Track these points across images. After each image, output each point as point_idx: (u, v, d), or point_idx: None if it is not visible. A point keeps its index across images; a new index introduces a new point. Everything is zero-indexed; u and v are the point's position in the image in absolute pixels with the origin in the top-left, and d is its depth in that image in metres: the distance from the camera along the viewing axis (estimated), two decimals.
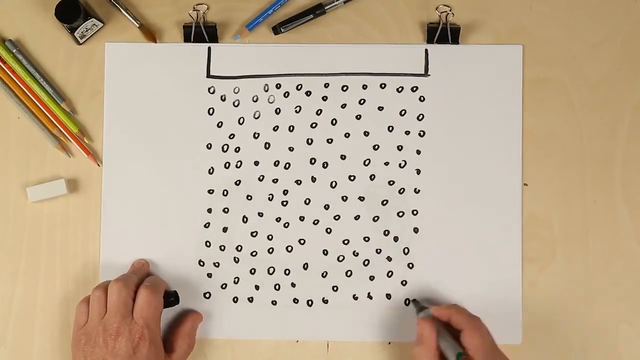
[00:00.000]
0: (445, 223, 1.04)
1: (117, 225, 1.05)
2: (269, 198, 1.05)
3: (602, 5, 1.07)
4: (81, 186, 1.05)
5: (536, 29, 1.06)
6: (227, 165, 1.05)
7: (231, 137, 1.05)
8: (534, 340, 1.04)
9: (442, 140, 1.05)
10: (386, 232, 1.04)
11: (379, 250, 1.04)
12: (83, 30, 1.04)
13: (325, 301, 1.04)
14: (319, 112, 1.05)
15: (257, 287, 1.04)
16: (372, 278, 1.04)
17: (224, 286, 1.04)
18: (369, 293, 1.04)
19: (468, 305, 1.03)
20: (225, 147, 1.05)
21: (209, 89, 1.06)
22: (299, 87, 1.05)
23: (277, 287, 1.04)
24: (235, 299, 1.04)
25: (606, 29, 1.06)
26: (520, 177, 1.05)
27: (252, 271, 1.04)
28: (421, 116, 1.05)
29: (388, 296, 1.04)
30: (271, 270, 1.04)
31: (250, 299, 1.04)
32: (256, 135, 1.05)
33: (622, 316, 1.04)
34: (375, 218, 1.05)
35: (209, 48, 1.06)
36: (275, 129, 1.05)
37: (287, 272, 1.04)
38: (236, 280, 1.05)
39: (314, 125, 1.05)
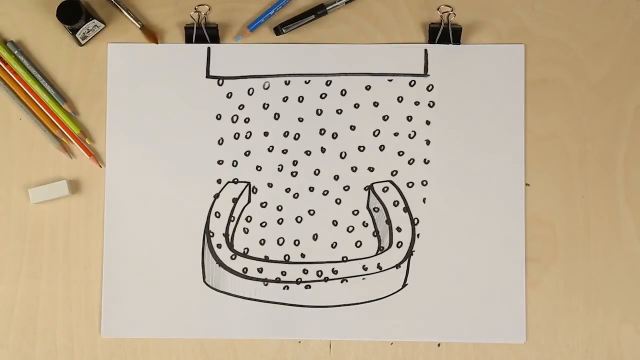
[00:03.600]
0: (448, 223, 1.04)
1: (119, 227, 1.05)
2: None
3: (604, 5, 1.07)
4: (83, 187, 1.06)
5: (538, 29, 1.06)
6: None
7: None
8: (537, 340, 1.04)
9: (444, 140, 1.05)
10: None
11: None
12: (84, 31, 1.04)
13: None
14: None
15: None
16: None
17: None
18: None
19: (471, 304, 1.03)
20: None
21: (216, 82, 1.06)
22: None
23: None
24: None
25: (607, 29, 1.06)
26: (523, 177, 1.05)
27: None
28: (422, 117, 1.05)
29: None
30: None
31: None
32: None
33: (624, 316, 1.04)
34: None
35: (209, 48, 1.06)
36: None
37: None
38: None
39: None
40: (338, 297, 1.04)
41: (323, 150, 1.06)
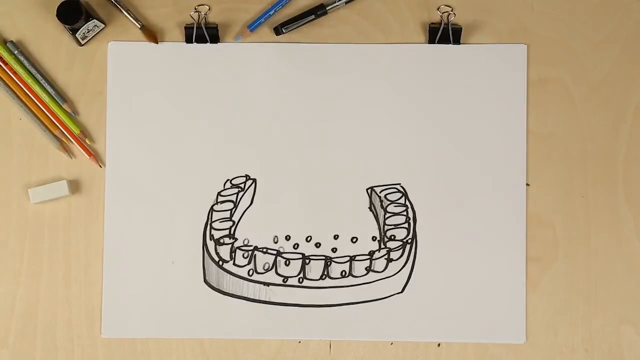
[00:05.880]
0: (449, 223, 1.04)
1: (120, 227, 1.05)
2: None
3: (604, 4, 1.07)
4: (83, 187, 1.06)
5: (538, 29, 1.06)
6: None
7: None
8: (537, 340, 1.04)
9: (444, 141, 1.05)
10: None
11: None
12: (84, 31, 1.04)
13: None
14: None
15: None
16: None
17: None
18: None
19: (471, 304, 1.03)
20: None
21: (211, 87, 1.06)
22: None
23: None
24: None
25: (608, 29, 1.06)
26: (524, 178, 1.05)
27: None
28: (423, 117, 1.05)
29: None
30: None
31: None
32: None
33: (624, 317, 1.04)
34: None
35: (209, 48, 1.06)
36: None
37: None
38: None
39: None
40: (338, 297, 1.04)
41: (324, 150, 1.06)
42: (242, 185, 1.05)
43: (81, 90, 1.06)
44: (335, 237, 1.05)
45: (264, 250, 1.04)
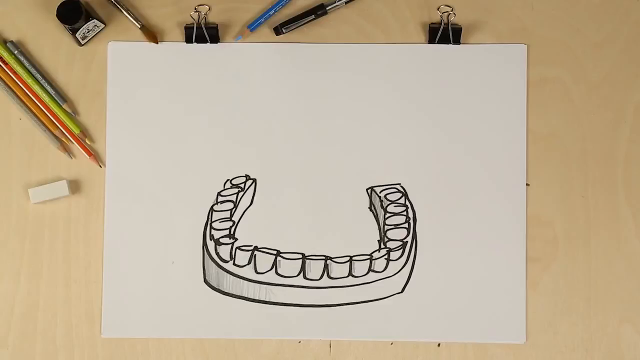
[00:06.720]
0: (448, 223, 1.04)
1: (120, 227, 1.05)
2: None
3: (604, 4, 1.07)
4: (83, 187, 1.06)
5: (538, 29, 1.06)
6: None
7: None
8: (537, 340, 1.04)
9: (444, 140, 1.05)
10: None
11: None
12: (84, 31, 1.04)
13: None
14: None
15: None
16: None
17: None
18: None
19: (471, 304, 1.03)
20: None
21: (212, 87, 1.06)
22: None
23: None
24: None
25: (608, 29, 1.06)
26: (524, 178, 1.05)
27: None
28: (423, 117, 1.05)
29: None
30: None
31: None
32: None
33: (624, 316, 1.04)
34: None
35: (209, 48, 1.06)
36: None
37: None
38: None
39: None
40: (338, 297, 1.04)
41: (324, 150, 1.06)
42: (242, 185, 1.05)
43: (81, 90, 1.06)
44: (335, 237, 1.05)
45: (264, 250, 1.04)
